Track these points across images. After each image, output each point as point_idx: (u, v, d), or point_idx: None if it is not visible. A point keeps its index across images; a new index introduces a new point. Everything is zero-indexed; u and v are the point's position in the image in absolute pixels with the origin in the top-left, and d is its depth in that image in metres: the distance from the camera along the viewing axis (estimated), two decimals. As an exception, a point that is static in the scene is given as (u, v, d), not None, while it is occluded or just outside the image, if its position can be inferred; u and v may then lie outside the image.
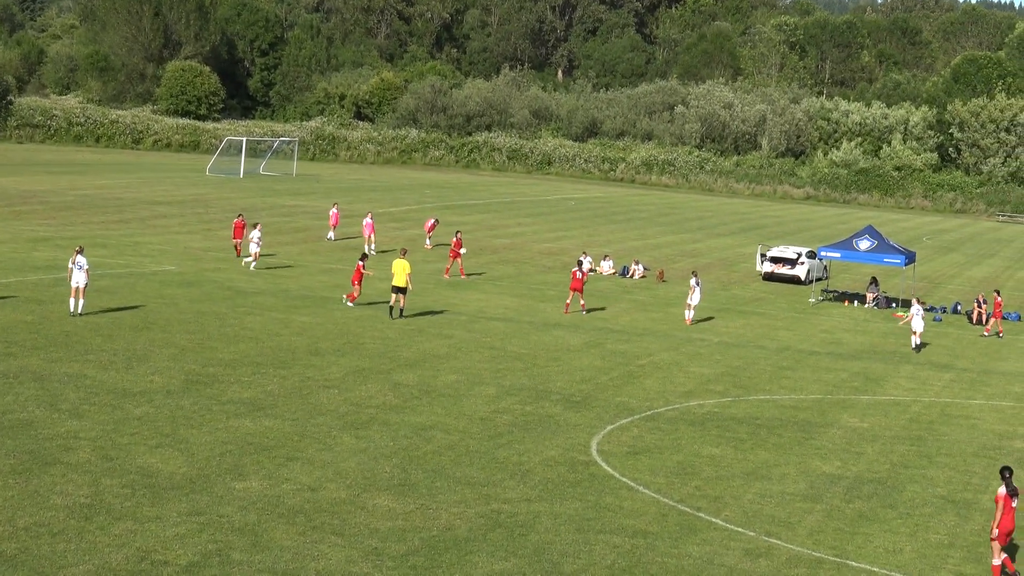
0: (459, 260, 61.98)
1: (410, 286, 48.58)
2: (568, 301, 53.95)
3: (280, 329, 44.65)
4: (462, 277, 61.57)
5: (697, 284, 53.97)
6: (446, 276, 61.44)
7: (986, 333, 57.84)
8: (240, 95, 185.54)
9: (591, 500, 28.10)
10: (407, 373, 39.31)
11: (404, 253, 49.81)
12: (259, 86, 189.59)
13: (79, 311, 43.13)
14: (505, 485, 28.63)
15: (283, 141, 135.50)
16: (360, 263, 50.21)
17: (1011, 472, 25.36)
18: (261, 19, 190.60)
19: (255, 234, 58.88)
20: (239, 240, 61.97)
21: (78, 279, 43.02)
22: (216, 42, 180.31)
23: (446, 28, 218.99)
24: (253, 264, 58.60)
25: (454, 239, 62.64)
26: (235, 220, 63.34)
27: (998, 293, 59.26)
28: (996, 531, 24.89)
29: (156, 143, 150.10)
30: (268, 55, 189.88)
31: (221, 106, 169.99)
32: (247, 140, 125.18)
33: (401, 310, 48.39)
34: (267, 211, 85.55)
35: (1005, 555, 25.13)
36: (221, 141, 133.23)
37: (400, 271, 48.04)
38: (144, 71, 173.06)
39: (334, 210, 73.63)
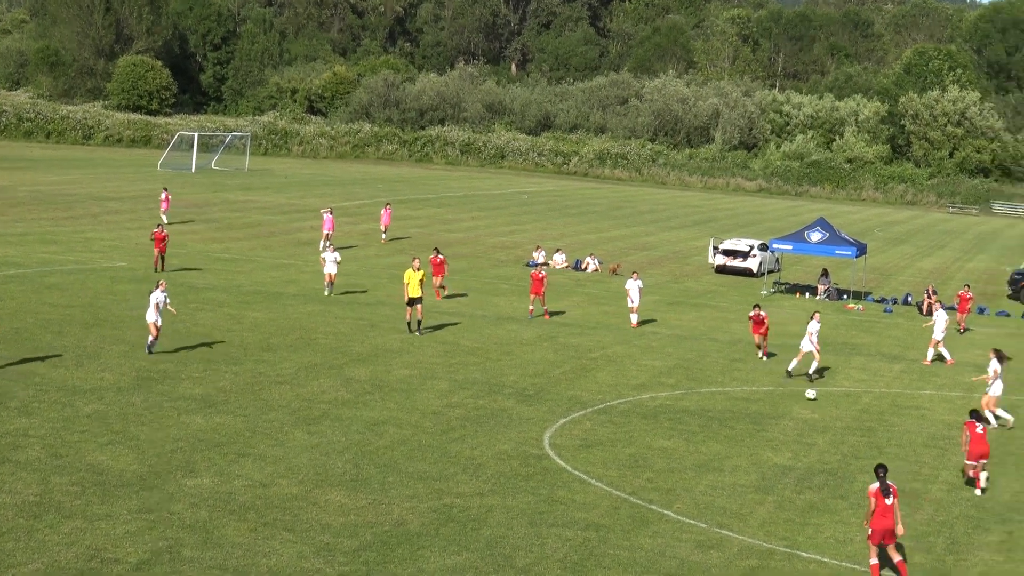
0: (542, 298, 52.10)
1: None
2: (531, 307, 52.17)
3: (232, 325, 44.50)
4: (544, 316, 52.57)
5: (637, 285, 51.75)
6: (536, 313, 52.69)
7: (960, 329, 57.47)
8: (192, 90, 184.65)
9: (543, 493, 28.15)
10: (359, 368, 39.27)
11: (416, 263, 46.55)
12: (211, 81, 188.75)
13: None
14: (457, 479, 28.65)
15: (235, 136, 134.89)
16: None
17: (885, 470, 25.10)
18: (213, 13, 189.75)
19: (333, 256, 53.58)
20: (161, 251, 55.65)
21: (151, 316, 39.09)
22: (168, 37, 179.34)
23: (399, 22, 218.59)
24: (330, 289, 53.39)
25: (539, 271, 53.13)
26: (154, 231, 56.76)
27: (968, 287, 59.30)
28: (869, 529, 24.62)
29: (107, 139, 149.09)
30: (220, 49, 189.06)
31: (173, 101, 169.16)
32: (199, 135, 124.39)
33: (419, 322, 45.74)
34: (219, 206, 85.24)
35: (876, 562, 24.70)
36: (173, 136, 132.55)
37: (413, 281, 45.44)
38: (95, 66, 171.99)
39: (162, 196, 72.81)
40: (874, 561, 24.59)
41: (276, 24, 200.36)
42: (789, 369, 43.67)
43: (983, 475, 31.35)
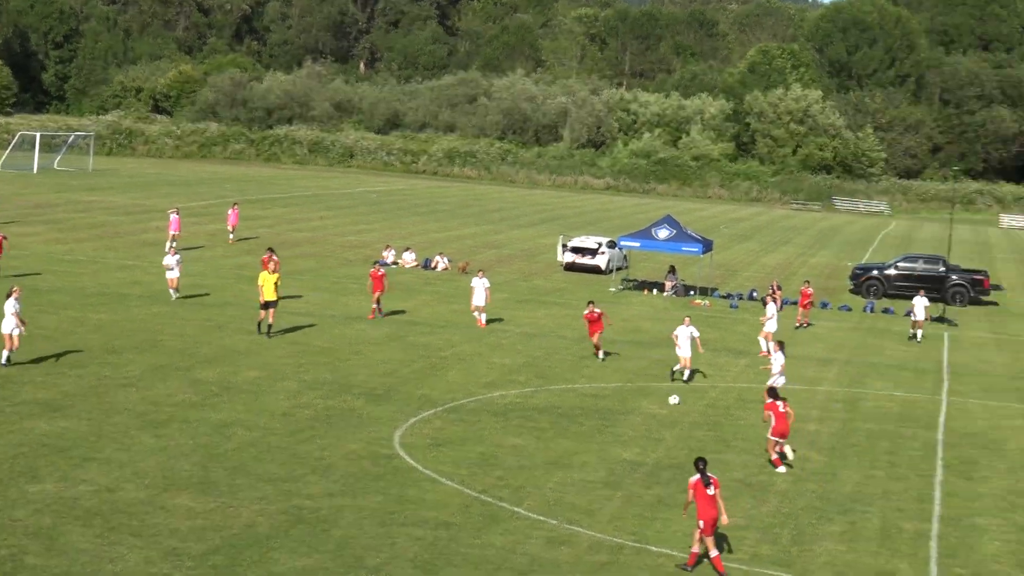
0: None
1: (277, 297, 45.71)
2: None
3: (75, 327, 43.80)
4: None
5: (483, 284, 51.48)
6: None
7: (798, 324, 58.13)
8: (34, 89, 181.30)
9: (394, 493, 28.14)
10: (207, 370, 38.88)
11: (272, 265, 46.96)
12: (53, 80, 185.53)
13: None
14: (307, 480, 28.53)
15: (79, 136, 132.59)
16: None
17: (704, 462, 25.31)
18: (55, 11, 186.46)
19: (174, 259, 51.76)
20: None
21: (7, 326, 37.60)
22: (8, 35, 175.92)
23: (246, 20, 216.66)
24: (176, 294, 51.69)
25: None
26: None
27: (808, 283, 60.21)
28: (701, 523, 24.85)
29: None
30: (63, 48, 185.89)
31: (13, 100, 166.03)
32: (41, 135, 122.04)
33: (270, 326, 45.02)
34: (63, 207, 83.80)
35: (716, 552, 24.99)
36: (14, 136, 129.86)
37: (268, 284, 45.02)
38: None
39: None
40: (715, 553, 24.89)
41: (120, 22, 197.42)
42: (674, 369, 43.86)
43: (788, 448, 32.53)
